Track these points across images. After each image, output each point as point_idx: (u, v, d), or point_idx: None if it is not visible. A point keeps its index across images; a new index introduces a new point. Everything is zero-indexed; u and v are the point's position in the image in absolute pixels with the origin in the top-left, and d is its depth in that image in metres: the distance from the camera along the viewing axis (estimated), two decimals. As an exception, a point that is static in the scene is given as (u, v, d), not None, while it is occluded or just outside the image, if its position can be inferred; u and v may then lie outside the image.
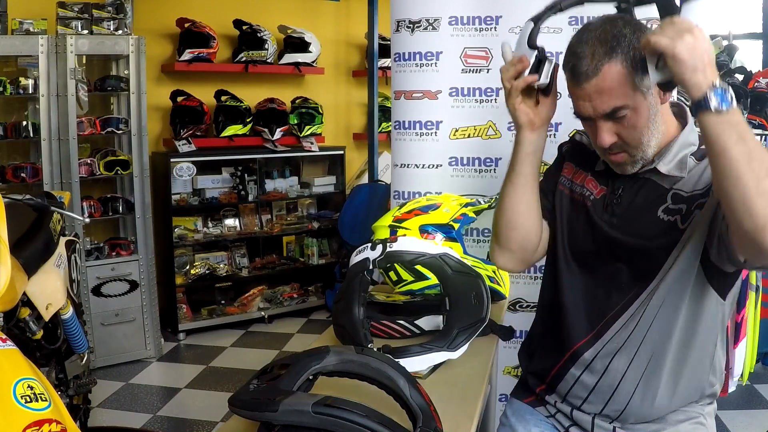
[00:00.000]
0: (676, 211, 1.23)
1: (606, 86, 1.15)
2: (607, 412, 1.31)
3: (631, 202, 1.29)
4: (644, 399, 1.28)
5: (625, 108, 1.17)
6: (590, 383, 1.31)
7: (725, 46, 3.80)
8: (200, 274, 4.11)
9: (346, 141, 4.86)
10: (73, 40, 3.31)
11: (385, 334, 1.50)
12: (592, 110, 1.19)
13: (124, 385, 3.30)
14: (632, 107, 1.17)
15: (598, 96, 1.17)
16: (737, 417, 2.86)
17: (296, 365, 0.99)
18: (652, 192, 1.27)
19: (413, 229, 1.71)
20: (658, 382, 1.27)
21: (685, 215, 1.22)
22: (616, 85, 1.15)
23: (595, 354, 1.30)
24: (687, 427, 1.32)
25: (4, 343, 1.13)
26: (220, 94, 4.14)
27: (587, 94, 1.18)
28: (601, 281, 1.31)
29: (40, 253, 1.81)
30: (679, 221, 1.22)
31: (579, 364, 1.32)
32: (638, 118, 1.19)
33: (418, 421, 0.96)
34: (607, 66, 1.15)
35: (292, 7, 4.57)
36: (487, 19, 2.14)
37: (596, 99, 1.17)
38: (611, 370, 1.29)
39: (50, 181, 3.32)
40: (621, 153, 1.24)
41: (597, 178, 1.36)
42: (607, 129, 1.20)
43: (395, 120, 2.28)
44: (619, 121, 1.19)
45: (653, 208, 1.26)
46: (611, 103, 1.17)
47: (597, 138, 1.22)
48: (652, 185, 1.27)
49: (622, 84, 1.15)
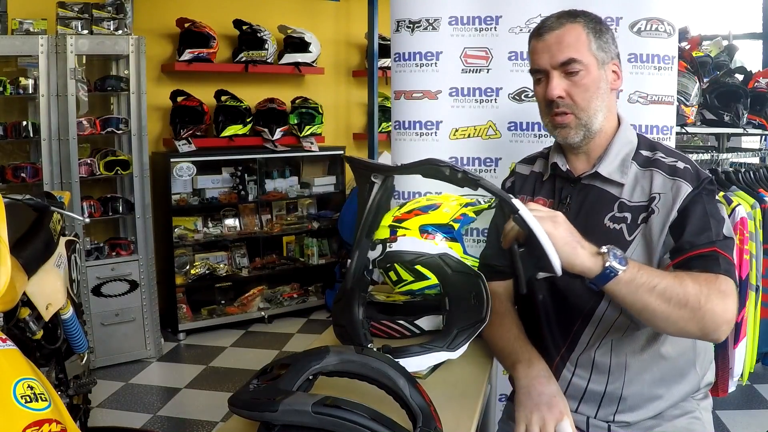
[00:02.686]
0: (621, 220, 1.27)
1: (565, 39, 1.27)
2: (604, 410, 1.32)
3: (579, 210, 1.33)
4: (634, 387, 1.29)
5: (578, 63, 1.26)
6: (582, 385, 1.32)
7: (725, 46, 3.80)
8: (200, 274, 4.11)
9: (346, 141, 4.86)
10: (73, 40, 3.31)
11: (385, 334, 1.50)
12: (549, 59, 1.28)
13: (124, 385, 3.30)
14: (586, 66, 1.27)
15: (557, 46, 1.27)
16: (737, 417, 2.86)
17: (296, 365, 0.99)
18: (599, 200, 1.31)
19: (413, 229, 1.71)
20: (642, 368, 1.29)
21: (630, 225, 1.26)
22: (574, 40, 1.27)
23: (578, 356, 1.32)
24: (683, 422, 1.32)
25: (4, 343, 1.13)
26: (220, 94, 4.14)
27: (547, 45, 1.28)
28: (563, 294, 1.33)
29: (40, 253, 1.81)
30: (625, 230, 1.26)
31: (567, 368, 1.33)
32: (590, 81, 1.27)
33: (418, 421, 0.96)
34: (570, 24, 1.28)
35: (292, 7, 4.57)
36: (487, 19, 2.13)
37: (555, 48, 1.27)
38: (597, 369, 1.31)
39: (50, 181, 3.32)
40: (568, 114, 1.29)
41: (545, 195, 1.41)
42: (558, 81, 1.28)
43: (395, 120, 2.28)
44: (572, 76, 1.27)
45: (600, 215, 1.30)
46: (568, 53, 1.26)
47: (548, 89, 1.28)
48: (598, 192, 1.32)
49: (581, 42, 1.27)
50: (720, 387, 2.53)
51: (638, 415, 1.31)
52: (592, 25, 1.29)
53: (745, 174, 2.82)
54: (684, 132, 2.87)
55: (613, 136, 1.33)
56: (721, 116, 2.95)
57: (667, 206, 1.23)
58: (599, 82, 1.29)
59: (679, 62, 2.44)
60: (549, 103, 1.30)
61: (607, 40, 1.31)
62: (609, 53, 1.31)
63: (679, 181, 1.24)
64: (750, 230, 2.54)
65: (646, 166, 1.29)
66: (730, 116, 2.94)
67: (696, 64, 2.94)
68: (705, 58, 3.25)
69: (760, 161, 3.21)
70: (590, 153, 1.35)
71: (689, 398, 1.35)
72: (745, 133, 3.10)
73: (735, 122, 2.94)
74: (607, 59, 1.30)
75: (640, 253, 1.24)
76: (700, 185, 1.24)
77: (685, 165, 1.27)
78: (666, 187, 1.25)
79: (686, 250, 1.19)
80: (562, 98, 1.28)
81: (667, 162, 1.29)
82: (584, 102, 1.28)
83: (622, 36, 2.01)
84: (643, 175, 1.29)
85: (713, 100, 2.97)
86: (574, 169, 1.37)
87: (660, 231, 1.23)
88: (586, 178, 1.34)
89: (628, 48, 2.01)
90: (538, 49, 1.30)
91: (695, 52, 3.15)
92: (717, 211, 1.23)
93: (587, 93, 1.28)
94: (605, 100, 1.31)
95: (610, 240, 1.24)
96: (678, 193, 1.23)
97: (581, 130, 1.30)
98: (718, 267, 1.15)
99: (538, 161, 1.49)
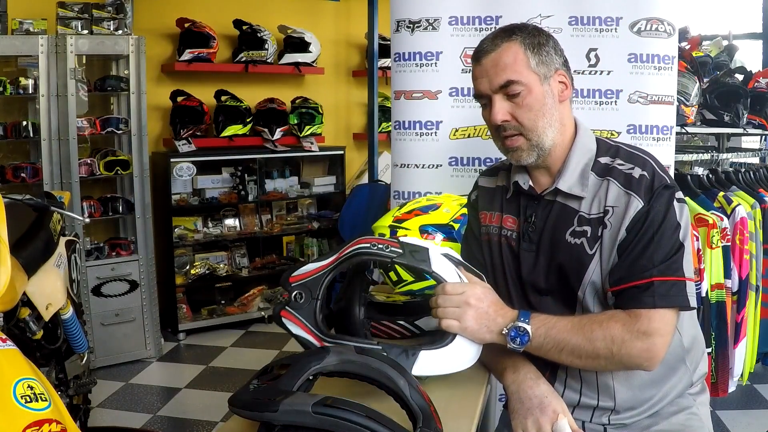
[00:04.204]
0: (581, 234, 1.24)
1: (502, 60, 1.23)
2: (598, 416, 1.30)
3: (543, 227, 1.30)
4: (625, 394, 1.27)
5: (518, 84, 1.23)
6: (574, 397, 1.30)
7: (725, 46, 3.80)
8: (200, 274, 4.11)
9: (346, 141, 4.86)
10: (73, 40, 3.31)
11: (385, 334, 1.50)
12: (488, 84, 1.25)
13: (124, 385, 3.30)
14: (526, 86, 1.23)
15: (494, 69, 1.24)
16: (737, 417, 2.86)
17: (296, 365, 0.99)
18: (561, 215, 1.28)
19: (413, 230, 1.71)
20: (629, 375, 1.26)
21: (590, 239, 1.23)
22: (511, 60, 1.23)
23: (566, 371, 1.29)
24: (681, 419, 1.31)
25: (4, 343, 1.13)
26: (220, 94, 4.13)
27: (485, 70, 1.25)
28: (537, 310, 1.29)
29: (40, 253, 1.81)
30: (585, 245, 1.24)
31: (558, 382, 1.30)
32: (533, 100, 1.24)
33: (418, 421, 0.96)
34: (506, 44, 1.24)
35: (292, 7, 4.57)
36: (487, 19, 2.14)
37: (492, 72, 1.24)
38: (586, 383, 1.28)
39: (50, 181, 3.32)
40: (517, 135, 1.27)
41: (511, 213, 1.37)
42: (500, 105, 1.25)
43: (395, 120, 2.28)
44: (514, 98, 1.24)
45: (562, 231, 1.27)
46: (505, 75, 1.23)
47: (491, 114, 1.26)
48: (560, 207, 1.29)
49: (518, 61, 1.23)
50: (720, 387, 2.52)
51: (634, 416, 1.30)
52: (529, 40, 1.24)
53: (745, 174, 2.82)
54: (684, 132, 2.87)
55: (570, 147, 1.29)
56: (721, 116, 2.95)
57: (617, 222, 1.20)
58: (543, 98, 1.24)
59: (679, 62, 2.44)
60: (496, 127, 1.27)
61: (548, 52, 1.26)
62: (551, 66, 1.26)
63: (632, 195, 1.20)
64: (750, 230, 2.55)
65: (603, 175, 1.25)
66: (730, 116, 2.94)
67: (696, 64, 2.94)
68: (705, 58, 3.26)
69: (760, 161, 3.22)
70: (550, 167, 1.31)
71: (685, 394, 1.33)
72: (745, 133, 3.10)
73: (735, 122, 2.94)
74: (549, 72, 1.25)
75: (601, 268, 1.22)
76: (651, 198, 1.19)
77: (642, 173, 1.22)
78: (619, 201, 1.21)
79: (623, 280, 1.19)
80: (507, 121, 1.25)
81: (623, 170, 1.24)
82: (530, 122, 1.24)
83: (622, 36, 2.01)
84: (600, 185, 1.25)
85: (713, 100, 2.97)
86: (538, 185, 1.33)
87: (611, 248, 1.20)
88: (548, 194, 1.30)
89: (628, 48, 2.01)
90: (476, 74, 1.27)
91: (695, 52, 3.15)
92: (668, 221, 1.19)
93: (531, 113, 1.24)
94: (554, 114, 1.26)
95: (573, 255, 1.24)
96: (628, 209, 1.19)
97: (534, 151, 1.26)
98: (649, 301, 1.15)
99: (501, 173, 1.43)
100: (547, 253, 1.29)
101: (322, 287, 1.18)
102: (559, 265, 1.27)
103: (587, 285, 1.24)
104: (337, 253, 1.20)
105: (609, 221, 1.21)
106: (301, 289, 1.18)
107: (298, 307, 1.18)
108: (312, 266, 1.20)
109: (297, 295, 1.18)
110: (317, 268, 1.19)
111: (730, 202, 2.55)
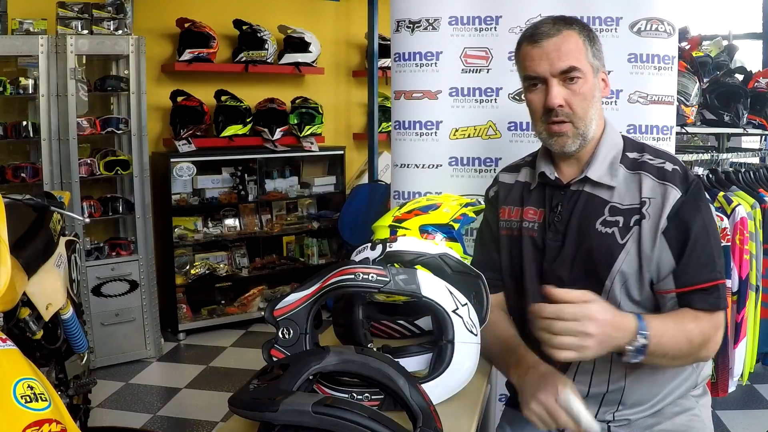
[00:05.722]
0: (612, 224, 1.26)
1: (565, 46, 1.25)
2: (605, 408, 1.31)
3: (570, 216, 1.31)
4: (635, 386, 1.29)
5: (579, 71, 1.25)
6: (583, 390, 1.29)
7: (725, 46, 3.79)
8: (200, 274, 4.11)
9: (346, 141, 4.86)
10: (73, 40, 3.31)
11: (385, 334, 1.50)
12: (548, 67, 1.26)
13: (124, 385, 3.30)
14: (584, 74, 1.26)
15: (556, 53, 1.25)
16: (737, 417, 2.86)
17: (296, 365, 0.99)
18: (589, 204, 1.30)
19: (413, 229, 1.71)
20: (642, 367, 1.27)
21: (622, 228, 1.25)
22: (574, 48, 1.26)
23: (578, 364, 1.30)
24: (683, 419, 1.32)
25: (4, 343, 1.13)
26: (220, 94, 4.13)
27: (546, 53, 1.26)
28: None
29: (40, 253, 1.81)
30: (617, 234, 1.25)
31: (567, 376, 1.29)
32: (588, 89, 1.27)
33: (418, 421, 0.96)
34: (568, 31, 1.26)
35: (292, 7, 4.57)
36: (487, 19, 2.13)
37: (554, 56, 1.25)
38: (597, 372, 1.30)
39: (50, 181, 3.32)
40: (566, 123, 1.28)
41: (534, 204, 1.38)
42: (558, 90, 1.26)
43: (395, 120, 2.28)
44: (571, 84, 1.26)
45: (591, 220, 1.28)
46: (569, 61, 1.25)
47: (548, 97, 1.27)
48: (588, 197, 1.31)
49: (579, 49, 1.26)
50: (720, 387, 2.52)
51: (638, 413, 1.30)
52: (586, 32, 1.29)
53: (745, 174, 2.82)
54: (684, 132, 2.87)
55: (599, 140, 1.33)
56: (721, 116, 2.95)
57: (656, 212, 1.23)
58: (594, 90, 1.29)
59: (679, 62, 2.44)
60: (548, 111, 1.28)
61: (599, 48, 1.32)
62: (601, 61, 1.32)
63: (668, 185, 1.24)
64: (750, 230, 2.54)
65: (634, 169, 1.29)
66: (730, 116, 2.94)
67: (696, 64, 2.94)
68: (705, 58, 3.25)
69: (760, 161, 3.21)
70: (580, 158, 1.34)
71: (688, 395, 1.34)
72: (745, 133, 3.10)
73: (735, 122, 2.94)
74: (599, 67, 1.31)
75: (632, 257, 1.24)
76: (689, 189, 1.24)
77: (674, 167, 1.27)
78: (655, 192, 1.25)
79: (690, 283, 1.21)
80: (561, 107, 1.27)
81: (655, 164, 1.28)
82: (582, 110, 1.27)
83: (622, 36, 2.01)
84: (632, 179, 1.28)
85: (713, 100, 2.97)
86: (563, 176, 1.36)
87: (652, 238, 1.23)
88: (575, 183, 1.33)
89: (628, 48, 2.01)
90: (534, 56, 1.27)
91: (695, 52, 3.15)
92: (711, 219, 1.25)
93: (585, 101, 1.27)
94: (599, 107, 1.31)
95: (602, 244, 1.25)
96: (667, 198, 1.23)
97: (578, 139, 1.29)
98: (718, 302, 1.21)
99: (524, 170, 1.47)
100: (574, 243, 1.30)
101: (309, 320, 1.14)
102: (587, 255, 1.27)
103: (616, 274, 1.25)
104: (320, 282, 1.16)
105: (647, 212, 1.24)
106: (288, 325, 1.14)
107: (287, 344, 1.14)
108: (294, 297, 1.16)
109: (284, 332, 1.14)
110: (300, 299, 1.15)
111: (730, 202, 2.54)
